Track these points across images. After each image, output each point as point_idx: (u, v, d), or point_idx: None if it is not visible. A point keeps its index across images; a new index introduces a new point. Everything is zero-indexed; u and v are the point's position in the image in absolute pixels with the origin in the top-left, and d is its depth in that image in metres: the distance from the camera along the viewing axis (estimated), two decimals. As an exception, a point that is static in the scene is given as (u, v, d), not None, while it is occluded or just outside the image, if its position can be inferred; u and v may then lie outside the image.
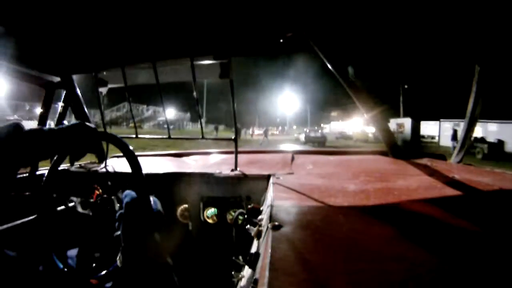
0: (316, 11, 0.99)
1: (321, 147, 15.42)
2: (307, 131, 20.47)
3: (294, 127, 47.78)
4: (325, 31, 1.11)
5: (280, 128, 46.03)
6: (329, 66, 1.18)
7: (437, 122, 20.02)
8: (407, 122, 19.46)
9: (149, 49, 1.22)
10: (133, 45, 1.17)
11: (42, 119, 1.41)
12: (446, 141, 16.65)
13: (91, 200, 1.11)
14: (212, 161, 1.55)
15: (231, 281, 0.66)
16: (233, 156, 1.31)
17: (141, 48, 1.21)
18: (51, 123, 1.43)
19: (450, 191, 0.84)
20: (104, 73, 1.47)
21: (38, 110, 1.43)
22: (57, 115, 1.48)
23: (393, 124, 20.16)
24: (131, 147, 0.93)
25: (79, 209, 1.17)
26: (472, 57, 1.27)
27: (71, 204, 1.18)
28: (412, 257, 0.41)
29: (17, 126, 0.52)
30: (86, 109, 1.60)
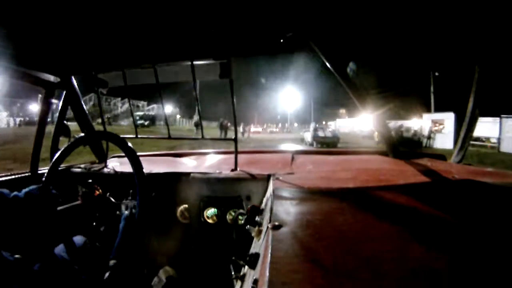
0: (315, 11, 0.99)
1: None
2: (314, 128, 15.35)
3: (295, 124, 45.17)
4: (325, 31, 1.11)
5: (280, 125, 43.16)
6: (329, 66, 1.18)
7: (497, 119, 13.54)
8: (448, 118, 14.12)
9: (149, 51, 1.22)
10: (132, 47, 1.17)
11: (42, 119, 1.41)
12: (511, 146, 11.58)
13: (91, 200, 1.11)
14: (212, 161, 1.55)
15: (231, 281, 0.66)
16: (233, 156, 1.31)
17: (141, 50, 1.21)
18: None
19: (450, 191, 0.84)
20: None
21: (31, 107, 1.42)
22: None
23: (426, 120, 15.18)
24: (130, 145, 0.93)
25: (79, 209, 1.17)
26: (472, 57, 1.27)
27: (71, 204, 1.18)
28: (412, 257, 0.41)
29: None
30: (86, 109, 1.60)
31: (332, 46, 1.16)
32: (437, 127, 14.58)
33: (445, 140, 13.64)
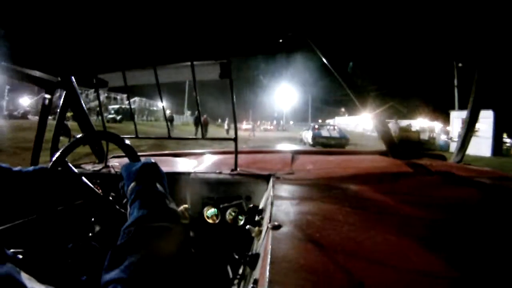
0: (314, 11, 0.99)
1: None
2: (316, 127, 13.19)
3: (291, 122, 43.49)
4: (324, 31, 1.11)
5: (275, 122, 39.82)
6: (328, 65, 1.18)
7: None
8: (485, 118, 10.46)
9: (149, 52, 1.22)
10: (133, 47, 1.17)
11: (42, 119, 1.41)
12: None
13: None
14: (212, 161, 1.55)
15: (231, 281, 0.66)
16: (233, 156, 1.31)
17: (141, 51, 1.21)
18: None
19: (450, 191, 0.84)
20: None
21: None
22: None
23: (455, 118, 12.01)
24: (131, 145, 0.93)
25: (79, 209, 1.17)
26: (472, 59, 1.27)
27: (71, 204, 1.18)
28: (412, 257, 0.41)
29: None
30: (86, 110, 1.60)
31: (332, 45, 1.16)
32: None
33: (480, 146, 10.02)
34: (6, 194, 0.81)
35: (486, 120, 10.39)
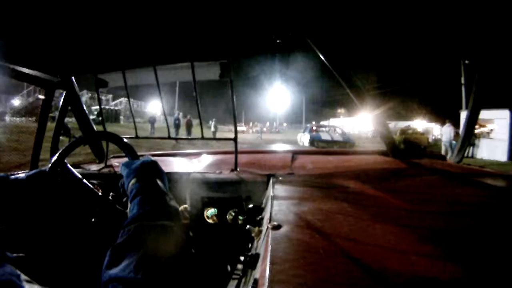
0: (314, 11, 0.99)
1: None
2: (313, 128, 12.66)
3: (285, 124, 43.22)
4: (324, 31, 1.11)
5: (267, 124, 37.67)
6: (329, 66, 1.18)
7: None
8: (500, 118, 9.26)
9: (149, 52, 1.22)
10: (133, 47, 1.17)
11: (42, 119, 1.41)
12: None
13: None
14: (212, 161, 1.55)
15: (231, 281, 0.66)
16: (233, 156, 1.31)
17: (142, 51, 1.21)
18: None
19: (449, 191, 0.84)
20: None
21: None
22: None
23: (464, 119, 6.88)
24: (131, 145, 0.94)
25: (79, 209, 1.17)
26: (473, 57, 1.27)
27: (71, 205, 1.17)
28: (413, 257, 0.41)
29: None
30: (85, 109, 1.60)
31: (332, 45, 1.16)
32: (481, 130, 9.92)
33: (495, 149, 9.11)
34: (6, 202, 0.80)
35: (501, 120, 9.25)
